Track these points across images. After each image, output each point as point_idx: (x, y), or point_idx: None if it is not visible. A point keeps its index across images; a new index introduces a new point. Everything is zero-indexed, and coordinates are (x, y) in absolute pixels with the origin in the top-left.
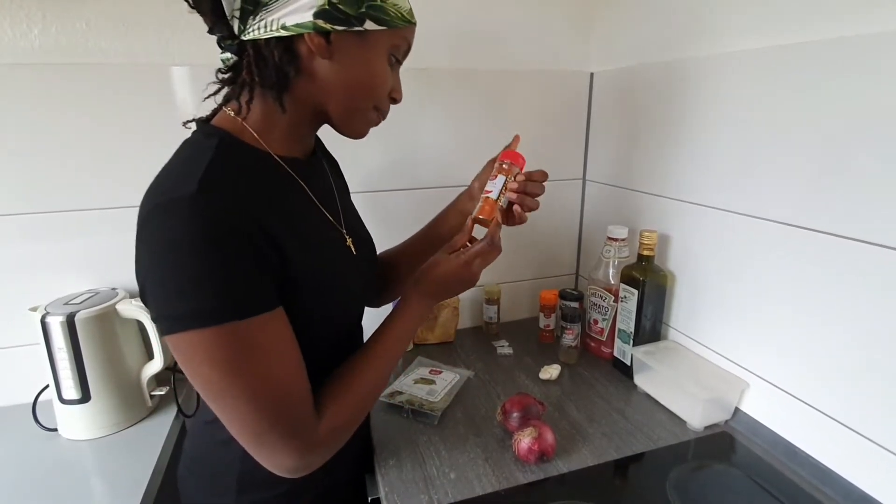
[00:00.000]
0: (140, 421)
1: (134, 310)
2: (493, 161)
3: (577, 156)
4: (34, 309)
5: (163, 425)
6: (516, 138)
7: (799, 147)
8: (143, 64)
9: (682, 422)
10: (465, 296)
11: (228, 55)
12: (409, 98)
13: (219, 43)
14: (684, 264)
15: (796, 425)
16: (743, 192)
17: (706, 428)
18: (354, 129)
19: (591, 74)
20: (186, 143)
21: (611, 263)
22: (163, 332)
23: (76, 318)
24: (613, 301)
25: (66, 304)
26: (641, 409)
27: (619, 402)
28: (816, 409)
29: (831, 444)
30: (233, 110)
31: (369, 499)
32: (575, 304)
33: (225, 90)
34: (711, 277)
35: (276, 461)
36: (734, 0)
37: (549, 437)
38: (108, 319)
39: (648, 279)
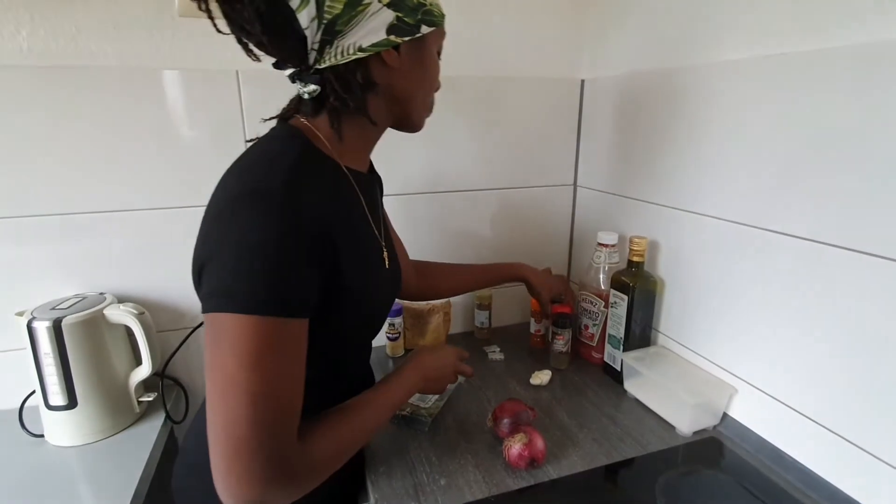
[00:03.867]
0: (127, 427)
1: (121, 315)
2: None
3: (568, 162)
4: (20, 314)
5: (150, 432)
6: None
7: (786, 155)
8: (134, 67)
9: (671, 427)
10: (457, 300)
11: (314, 87)
12: None
13: (293, 77)
14: (674, 270)
15: (783, 430)
16: (731, 200)
17: (695, 433)
18: (420, 123)
19: (582, 81)
20: (270, 138)
21: (601, 269)
22: (207, 308)
23: (63, 323)
24: (604, 307)
25: (53, 308)
26: (631, 415)
27: (609, 407)
28: (803, 415)
29: (817, 449)
30: (320, 131)
31: None
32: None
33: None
34: (701, 284)
35: (245, 480)
36: (723, 11)
37: (540, 443)
38: (95, 324)
39: (638, 285)
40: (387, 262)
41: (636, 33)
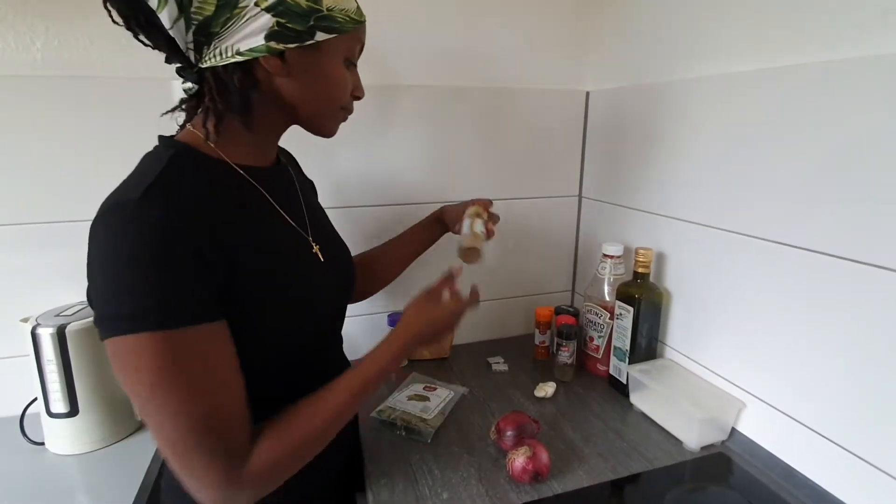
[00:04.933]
0: (128, 436)
1: None
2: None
3: (573, 173)
4: (25, 320)
5: (151, 441)
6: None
7: (790, 166)
8: (144, 77)
9: (678, 442)
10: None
11: (190, 84)
12: (404, 115)
13: (178, 73)
14: (680, 282)
15: (794, 447)
16: (737, 211)
17: (703, 448)
18: (325, 130)
19: (587, 93)
20: (145, 155)
21: (606, 280)
22: (101, 336)
23: (67, 330)
24: (609, 318)
25: (58, 315)
26: (637, 429)
27: (614, 420)
28: (813, 430)
29: (828, 466)
30: (197, 130)
31: None
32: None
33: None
34: (707, 295)
35: (197, 485)
36: (725, 24)
37: (544, 456)
38: None
39: (644, 297)
40: (320, 256)
41: (641, 45)
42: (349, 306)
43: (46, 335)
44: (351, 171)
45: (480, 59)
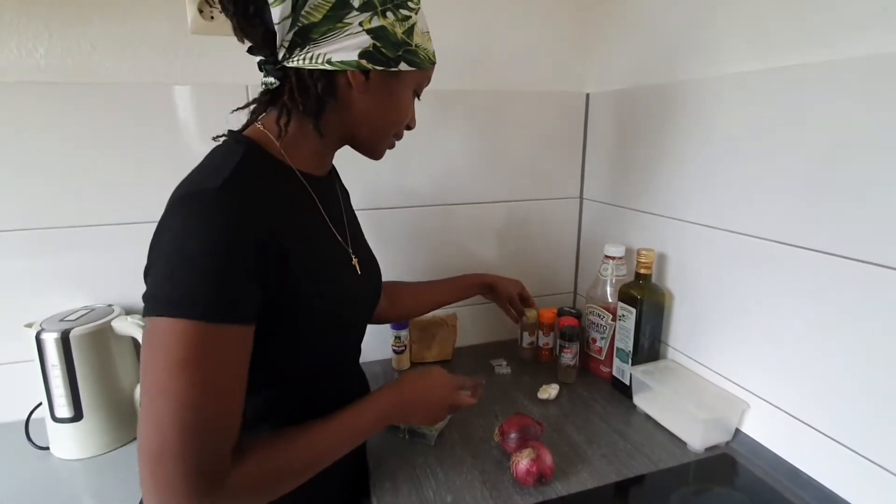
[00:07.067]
0: (132, 441)
1: (129, 327)
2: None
3: (574, 174)
4: (29, 325)
5: None
6: None
7: (792, 166)
8: (148, 83)
9: (682, 443)
10: (465, 312)
11: (272, 79)
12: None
13: (260, 66)
14: (682, 283)
15: (798, 447)
16: (739, 211)
17: (707, 449)
18: (377, 152)
19: (588, 95)
20: (217, 147)
21: (608, 282)
22: (144, 312)
23: (71, 335)
24: (612, 320)
25: (62, 320)
26: (641, 430)
27: (618, 422)
28: (818, 431)
29: (835, 467)
30: (264, 126)
31: None
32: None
33: (255, 109)
34: (710, 296)
35: (168, 491)
36: (726, 24)
37: (548, 458)
38: (102, 336)
39: (646, 298)
40: (358, 269)
41: (641, 46)
42: None
43: (51, 340)
44: (352, 175)
45: (481, 62)
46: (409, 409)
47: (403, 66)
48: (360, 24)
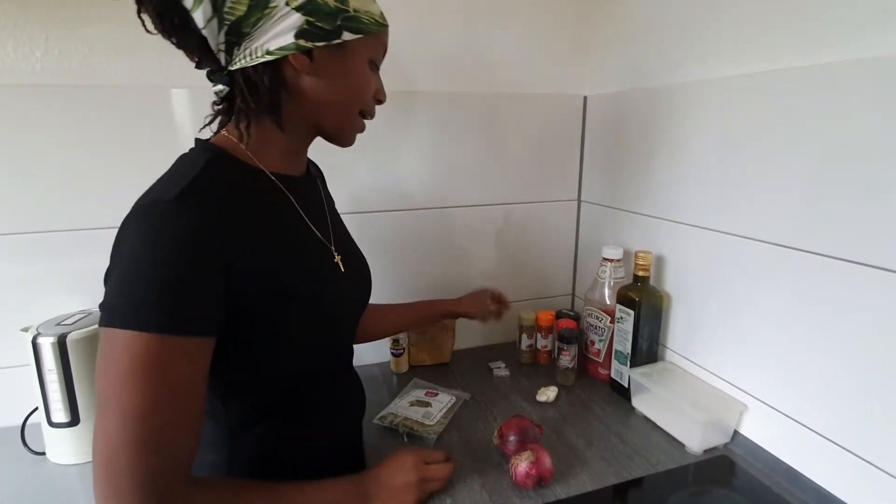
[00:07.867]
0: None
1: None
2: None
3: (571, 177)
4: (26, 329)
5: None
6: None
7: (790, 169)
8: (144, 86)
9: (680, 445)
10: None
11: (220, 87)
12: (404, 120)
13: (208, 76)
14: (680, 285)
15: (797, 448)
16: (736, 214)
17: (705, 451)
18: (346, 137)
19: (585, 98)
20: (183, 156)
21: (606, 284)
22: (100, 321)
23: (67, 339)
24: (610, 322)
25: (59, 324)
26: (640, 432)
27: (617, 424)
28: (817, 432)
29: (833, 468)
30: (229, 133)
31: None
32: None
33: (220, 118)
34: (707, 298)
35: (115, 497)
36: (723, 27)
37: (547, 461)
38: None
39: (644, 300)
40: (341, 266)
41: (639, 49)
42: None
43: (47, 344)
44: (350, 177)
45: (479, 65)
46: (371, 493)
47: (347, 36)
48: (287, 3)
